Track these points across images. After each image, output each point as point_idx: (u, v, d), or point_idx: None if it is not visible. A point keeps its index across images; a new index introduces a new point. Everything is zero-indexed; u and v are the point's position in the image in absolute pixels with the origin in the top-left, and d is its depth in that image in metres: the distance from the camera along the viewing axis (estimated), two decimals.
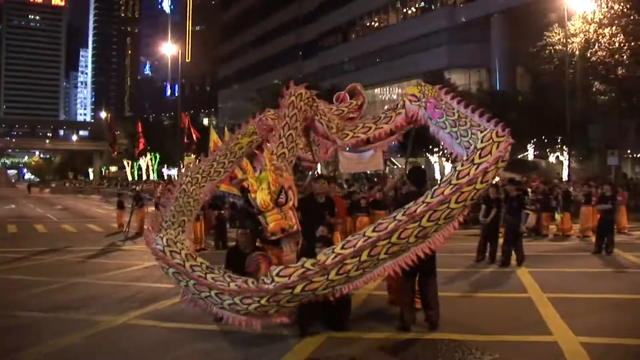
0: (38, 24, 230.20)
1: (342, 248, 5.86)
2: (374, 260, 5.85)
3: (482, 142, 6.22)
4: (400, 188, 9.42)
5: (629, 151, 40.32)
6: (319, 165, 9.35)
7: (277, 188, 6.37)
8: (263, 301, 5.80)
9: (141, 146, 35.31)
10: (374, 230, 5.92)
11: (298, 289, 5.73)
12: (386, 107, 7.87)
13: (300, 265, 5.81)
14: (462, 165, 6.14)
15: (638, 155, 43.02)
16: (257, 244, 8.37)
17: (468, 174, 6.03)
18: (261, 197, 6.38)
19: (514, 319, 7.90)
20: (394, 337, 7.05)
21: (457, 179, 6.05)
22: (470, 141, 6.45)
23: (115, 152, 37.57)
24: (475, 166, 6.06)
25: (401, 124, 7.46)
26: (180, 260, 6.54)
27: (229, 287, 6.07)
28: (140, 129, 40.32)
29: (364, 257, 5.80)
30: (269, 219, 6.38)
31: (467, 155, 6.25)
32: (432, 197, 5.99)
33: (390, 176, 32.87)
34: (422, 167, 8.80)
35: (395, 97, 55.14)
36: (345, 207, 9.30)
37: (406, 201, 7.00)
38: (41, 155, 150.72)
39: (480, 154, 6.12)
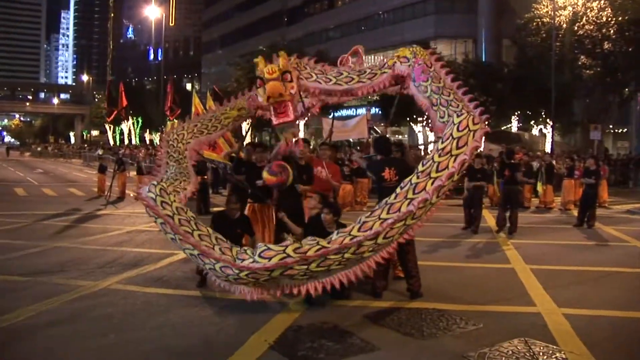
0: None
1: (328, 243, 5.96)
2: (358, 257, 6.02)
3: (458, 130, 6.26)
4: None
5: (611, 126, 40.60)
6: (301, 133, 9.49)
7: (286, 68, 7.20)
8: (242, 274, 5.93)
9: (124, 102, 34.61)
10: (359, 230, 5.96)
11: (276, 273, 5.87)
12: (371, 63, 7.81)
13: (282, 251, 5.87)
14: (440, 156, 6.19)
15: (619, 131, 43.38)
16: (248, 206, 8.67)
17: (447, 166, 6.15)
18: (271, 66, 7.21)
19: (498, 290, 7.93)
20: (376, 305, 7.04)
21: (437, 171, 6.15)
22: (446, 112, 6.51)
23: (120, 116, 36.85)
24: (453, 158, 6.17)
25: (384, 83, 7.40)
26: (170, 212, 6.58)
27: (213, 250, 6.13)
28: (122, 88, 39.82)
29: (348, 254, 5.95)
30: (269, 85, 7.07)
31: (442, 142, 6.29)
32: (414, 194, 6.06)
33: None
34: (385, 136, 9.07)
35: None
36: (339, 172, 9.38)
37: (380, 168, 7.55)
38: (21, 119, 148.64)
39: (457, 144, 6.19)
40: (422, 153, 26.11)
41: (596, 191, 14.99)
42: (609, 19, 30.50)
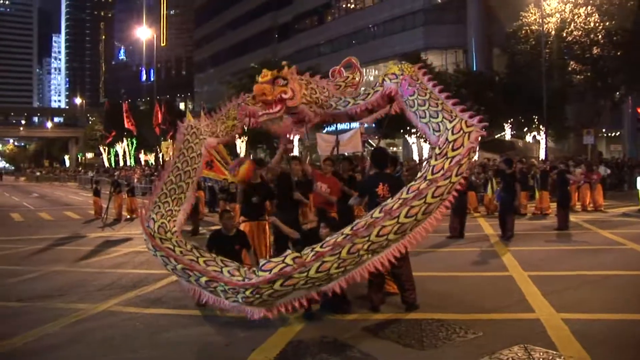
0: (8, 9, 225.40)
1: (321, 247, 5.96)
2: (355, 257, 5.93)
3: (453, 133, 6.32)
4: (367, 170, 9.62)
5: (603, 130, 40.81)
6: (296, 149, 9.57)
7: (285, 75, 7.25)
8: (247, 292, 5.89)
9: (127, 125, 34.83)
10: (352, 229, 5.97)
11: (277, 284, 5.82)
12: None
13: (281, 261, 5.89)
14: (436, 159, 6.26)
15: (612, 134, 43.60)
16: (242, 222, 8.63)
17: (442, 167, 6.16)
18: (266, 71, 7.32)
19: (496, 298, 7.95)
20: (375, 317, 7.06)
21: (432, 174, 6.17)
22: (440, 125, 6.51)
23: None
24: (449, 160, 6.18)
25: (377, 101, 7.47)
26: (170, 246, 6.70)
27: (222, 274, 6.20)
28: (125, 108, 40.03)
29: (343, 254, 5.87)
30: (256, 86, 7.22)
31: (439, 147, 6.33)
32: (407, 194, 6.08)
33: (367, 158, 32.88)
34: (383, 148, 9.10)
35: (372, 78, 55.08)
36: (339, 185, 9.39)
37: (374, 183, 7.39)
38: (15, 143, 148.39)
39: (452, 147, 6.24)
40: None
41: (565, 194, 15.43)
42: (597, 25, 30.78)
